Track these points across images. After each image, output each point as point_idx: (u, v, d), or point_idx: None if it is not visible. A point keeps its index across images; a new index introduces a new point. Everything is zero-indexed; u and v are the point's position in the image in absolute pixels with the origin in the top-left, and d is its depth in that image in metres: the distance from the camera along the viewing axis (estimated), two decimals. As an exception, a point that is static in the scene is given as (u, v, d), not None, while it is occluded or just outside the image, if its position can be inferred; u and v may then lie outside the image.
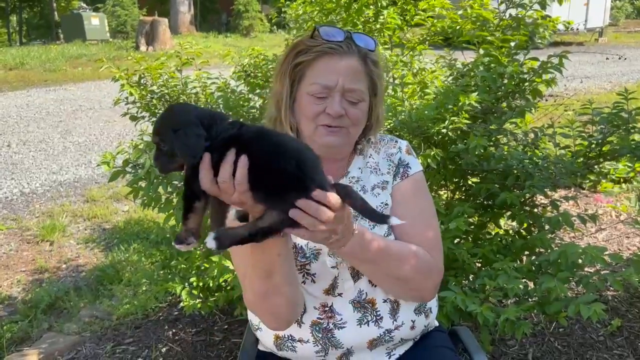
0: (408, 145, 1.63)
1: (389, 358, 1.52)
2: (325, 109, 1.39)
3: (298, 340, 1.47)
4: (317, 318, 1.46)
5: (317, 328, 1.45)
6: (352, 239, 1.27)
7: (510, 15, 2.58)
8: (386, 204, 1.52)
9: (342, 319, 1.45)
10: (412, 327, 1.52)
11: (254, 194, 1.11)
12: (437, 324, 1.72)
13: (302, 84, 1.44)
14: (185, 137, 1.10)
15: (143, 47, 17.21)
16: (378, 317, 1.47)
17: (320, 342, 1.45)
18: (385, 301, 1.48)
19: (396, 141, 1.62)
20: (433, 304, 1.62)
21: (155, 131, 1.18)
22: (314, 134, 1.44)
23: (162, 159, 1.17)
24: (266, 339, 1.56)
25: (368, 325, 1.46)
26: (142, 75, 2.90)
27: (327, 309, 1.46)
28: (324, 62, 1.40)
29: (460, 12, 2.73)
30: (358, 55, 1.42)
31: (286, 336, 1.49)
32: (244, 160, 1.09)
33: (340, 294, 1.46)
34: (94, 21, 19.84)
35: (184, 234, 1.16)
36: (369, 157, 1.58)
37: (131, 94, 2.83)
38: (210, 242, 1.14)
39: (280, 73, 1.48)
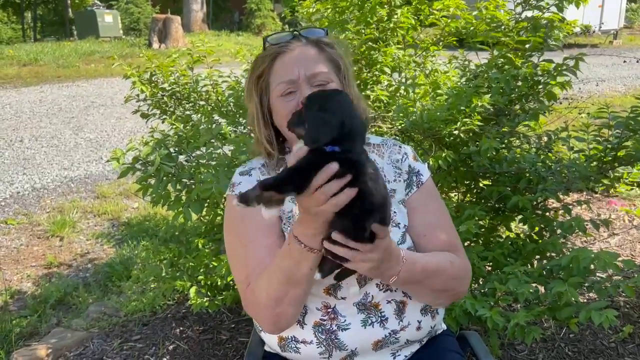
0: (413, 151, 1.63)
1: (394, 359, 1.50)
2: (299, 101, 1.40)
3: (301, 342, 1.45)
4: (320, 319, 1.44)
5: (320, 329, 1.44)
6: (402, 267, 1.32)
7: (526, 17, 2.55)
8: (394, 212, 1.50)
9: (345, 320, 1.43)
10: (418, 328, 1.50)
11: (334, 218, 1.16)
12: (445, 327, 1.69)
13: (270, 93, 1.48)
14: (323, 119, 1.12)
15: (155, 45, 17.29)
16: (383, 318, 1.45)
17: (324, 343, 1.43)
18: (389, 302, 1.46)
19: (400, 146, 1.61)
20: None
21: (312, 96, 1.23)
22: None
23: (296, 116, 1.22)
24: (270, 340, 1.54)
25: (373, 326, 1.44)
26: (154, 73, 2.90)
27: (329, 310, 1.44)
28: (279, 62, 1.45)
29: (475, 12, 2.70)
30: (310, 44, 1.47)
31: (289, 337, 1.47)
32: (351, 192, 1.11)
33: (343, 298, 1.44)
34: (107, 18, 19.96)
35: (252, 195, 1.12)
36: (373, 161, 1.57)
37: (142, 91, 2.84)
38: (316, 275, 1.28)
39: (248, 93, 1.54)
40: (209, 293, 2.52)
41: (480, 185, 2.57)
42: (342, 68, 1.49)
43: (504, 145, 2.41)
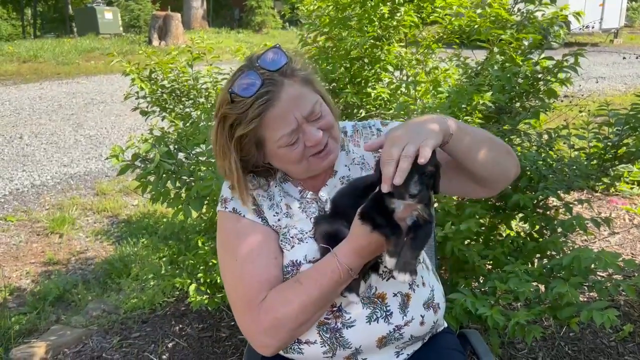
0: (381, 121, 1.61)
1: (397, 357, 1.49)
2: (305, 142, 1.36)
3: (305, 343, 1.44)
4: (325, 318, 1.43)
5: (325, 328, 1.42)
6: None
7: (519, 10, 2.54)
8: None
9: (350, 317, 1.42)
10: (422, 323, 1.49)
11: None
12: (445, 324, 1.69)
13: (266, 145, 1.38)
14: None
15: (155, 42, 17.27)
16: (388, 313, 1.43)
17: (328, 342, 1.42)
18: (395, 295, 1.45)
19: (370, 126, 1.60)
20: (440, 300, 1.58)
21: (434, 159, 1.21)
22: (309, 168, 1.42)
23: (426, 189, 1.20)
24: None
25: (377, 322, 1.42)
26: (153, 70, 2.89)
27: (334, 308, 1.43)
28: (271, 115, 1.32)
29: (479, 11, 2.69)
30: (286, 79, 1.35)
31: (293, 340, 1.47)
32: None
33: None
34: (107, 15, 19.92)
35: (414, 261, 1.23)
36: (352, 152, 1.56)
37: (142, 89, 2.83)
38: (354, 299, 1.38)
39: (220, 150, 1.40)
40: (208, 291, 2.51)
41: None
42: (315, 84, 1.43)
43: (505, 144, 2.40)
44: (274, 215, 1.47)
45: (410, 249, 1.21)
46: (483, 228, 2.44)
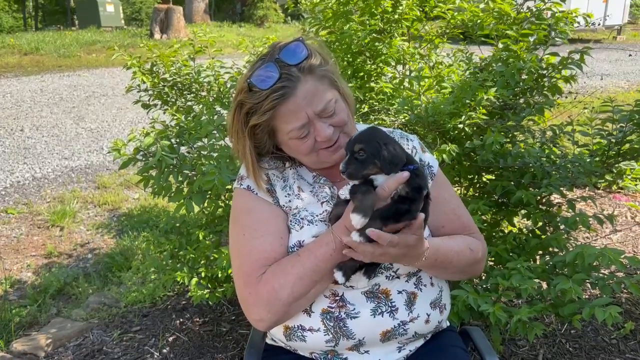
0: (420, 142, 1.63)
1: (399, 352, 1.49)
2: (315, 137, 1.39)
3: (308, 330, 1.45)
4: (328, 306, 1.43)
5: (328, 317, 1.43)
6: (427, 254, 1.38)
7: (528, 8, 2.53)
8: None
9: (354, 308, 1.42)
10: (427, 321, 1.50)
11: None
12: (448, 323, 1.69)
13: (278, 135, 1.44)
14: (394, 149, 1.29)
15: (157, 35, 17.24)
16: (393, 308, 1.44)
17: (331, 331, 1.43)
18: (400, 292, 1.46)
19: (407, 139, 1.60)
20: (447, 301, 1.60)
21: (358, 140, 1.31)
22: (318, 160, 1.46)
23: (355, 165, 1.29)
24: (275, 330, 1.54)
25: (382, 315, 1.43)
26: (155, 63, 2.88)
27: (337, 298, 1.43)
28: (284, 109, 1.36)
29: (482, 5, 2.67)
30: (303, 75, 1.36)
31: (296, 326, 1.47)
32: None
33: (351, 287, 1.43)
34: (109, 8, 19.92)
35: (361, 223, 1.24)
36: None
37: (143, 82, 2.82)
38: (341, 279, 1.35)
39: (235, 134, 1.46)
40: (209, 285, 2.51)
41: (484, 179, 2.55)
42: (335, 80, 1.44)
43: (508, 140, 2.39)
44: (286, 196, 1.49)
45: (382, 214, 1.26)
46: (486, 224, 2.44)
